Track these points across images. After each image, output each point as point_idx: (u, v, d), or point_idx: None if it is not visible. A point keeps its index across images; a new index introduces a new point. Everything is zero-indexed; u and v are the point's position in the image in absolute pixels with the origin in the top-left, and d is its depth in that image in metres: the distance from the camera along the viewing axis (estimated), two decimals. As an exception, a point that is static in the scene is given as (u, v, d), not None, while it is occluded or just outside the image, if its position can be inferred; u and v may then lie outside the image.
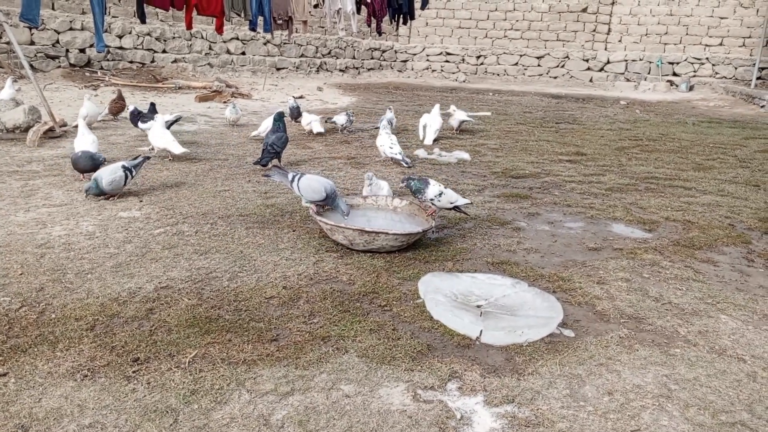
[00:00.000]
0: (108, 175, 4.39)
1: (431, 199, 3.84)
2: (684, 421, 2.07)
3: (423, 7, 13.04)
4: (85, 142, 5.26)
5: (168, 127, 6.18)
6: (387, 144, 6.20)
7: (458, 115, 8.60)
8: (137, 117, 6.81)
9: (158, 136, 5.87)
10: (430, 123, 7.78)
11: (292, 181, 3.84)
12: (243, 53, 16.67)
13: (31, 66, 10.38)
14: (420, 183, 3.89)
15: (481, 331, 2.59)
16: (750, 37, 19.41)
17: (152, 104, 7.30)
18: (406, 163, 6.11)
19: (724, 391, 2.25)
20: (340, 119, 8.29)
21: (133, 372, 2.24)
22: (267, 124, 7.15)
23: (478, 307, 2.87)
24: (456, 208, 3.98)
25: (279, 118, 5.91)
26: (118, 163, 4.56)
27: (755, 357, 2.53)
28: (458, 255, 3.63)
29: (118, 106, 8.22)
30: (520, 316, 2.78)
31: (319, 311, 2.80)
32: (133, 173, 4.58)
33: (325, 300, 2.92)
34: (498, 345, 2.54)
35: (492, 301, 2.94)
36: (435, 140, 7.68)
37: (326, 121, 8.33)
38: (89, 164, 4.85)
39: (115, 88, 11.46)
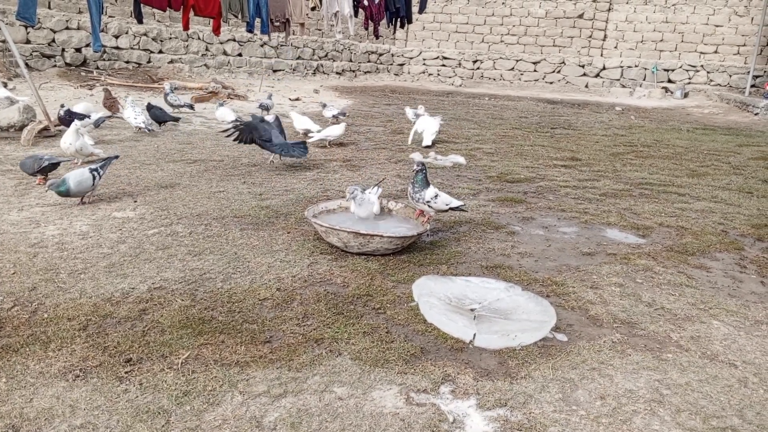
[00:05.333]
0: (75, 177, 4.23)
1: (428, 201, 3.83)
2: (675, 425, 2.08)
3: (420, 11, 13.07)
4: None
5: (97, 125, 7.06)
6: (132, 116, 7.35)
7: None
8: (71, 116, 6.71)
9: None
10: (427, 126, 7.81)
11: None
12: (240, 55, 16.67)
13: (27, 65, 10.35)
14: (424, 181, 3.83)
15: (474, 335, 2.60)
16: (744, 45, 19.56)
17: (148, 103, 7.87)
18: (149, 130, 7.32)
19: (716, 397, 2.26)
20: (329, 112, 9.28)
21: (126, 373, 2.23)
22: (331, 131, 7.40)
23: (472, 310, 2.87)
24: (452, 209, 3.98)
25: (262, 120, 5.91)
26: (86, 167, 4.40)
27: (746, 362, 2.54)
28: (452, 258, 3.64)
29: (110, 102, 8.37)
30: (514, 320, 2.79)
31: (313, 313, 2.80)
32: (101, 173, 4.42)
33: (319, 302, 2.92)
34: (491, 349, 2.54)
35: (486, 304, 2.95)
36: (432, 143, 7.71)
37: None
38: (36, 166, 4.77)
39: (112, 88, 11.43)
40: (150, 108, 7.92)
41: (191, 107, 9.56)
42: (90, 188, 4.35)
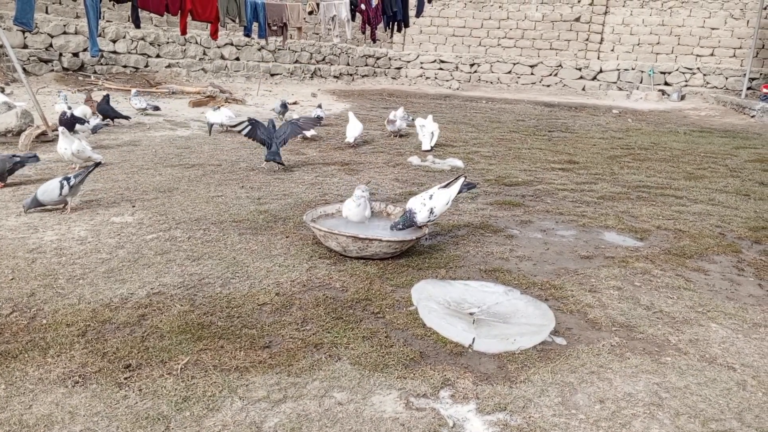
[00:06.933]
0: (43, 186, 4.17)
1: (428, 221, 3.82)
2: (674, 429, 2.08)
3: (418, 15, 13.09)
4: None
5: (94, 131, 7.08)
6: (63, 108, 7.13)
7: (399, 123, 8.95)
8: (73, 119, 6.70)
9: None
10: (428, 128, 7.82)
11: None
12: (237, 59, 16.69)
13: (24, 69, 10.34)
14: (406, 217, 3.77)
15: (473, 339, 2.60)
16: (741, 47, 19.63)
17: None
18: (98, 127, 7.32)
19: (714, 400, 2.27)
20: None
21: (125, 378, 2.22)
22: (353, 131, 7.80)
23: (471, 314, 2.88)
24: (460, 192, 3.89)
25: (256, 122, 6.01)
26: (60, 176, 4.29)
27: (745, 365, 2.55)
28: (451, 262, 3.64)
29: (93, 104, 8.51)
30: (513, 323, 2.79)
31: (312, 318, 2.80)
32: (71, 182, 4.22)
33: (318, 307, 2.92)
34: (490, 352, 2.55)
35: (485, 308, 2.95)
36: (431, 147, 7.73)
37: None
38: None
39: (109, 92, 11.45)
40: (105, 102, 8.30)
41: (156, 108, 9.88)
42: (58, 197, 4.18)
